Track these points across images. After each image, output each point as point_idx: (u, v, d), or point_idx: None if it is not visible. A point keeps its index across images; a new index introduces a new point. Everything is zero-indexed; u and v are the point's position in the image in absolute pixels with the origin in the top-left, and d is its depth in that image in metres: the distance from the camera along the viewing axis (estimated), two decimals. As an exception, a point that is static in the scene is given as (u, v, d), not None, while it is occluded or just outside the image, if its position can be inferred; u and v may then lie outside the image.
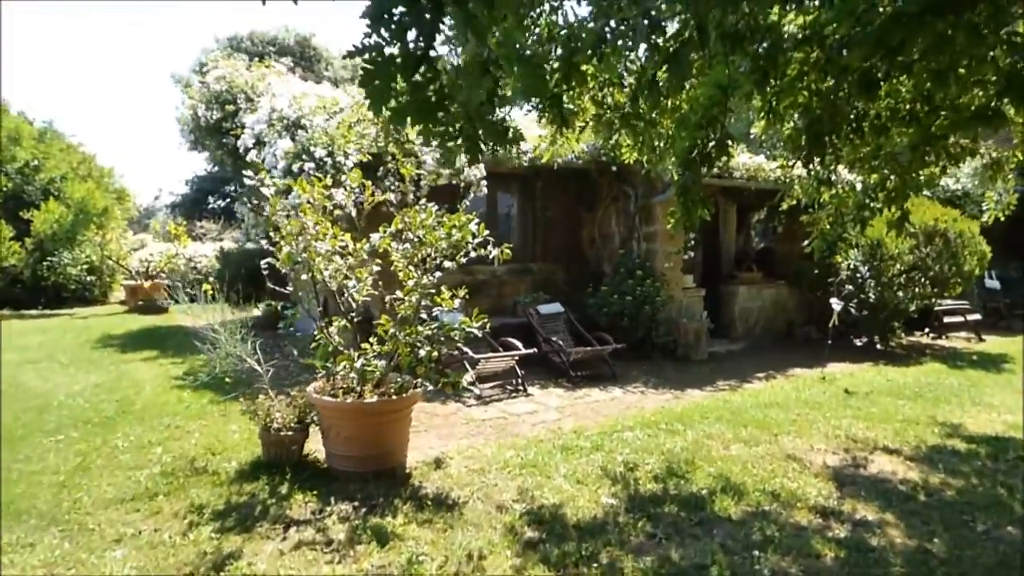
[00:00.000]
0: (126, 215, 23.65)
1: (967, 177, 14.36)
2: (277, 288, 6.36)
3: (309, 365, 5.78)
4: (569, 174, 10.84)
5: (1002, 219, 7.48)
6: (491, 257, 5.72)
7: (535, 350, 8.54)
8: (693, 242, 13.90)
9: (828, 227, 7.46)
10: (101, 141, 74.95)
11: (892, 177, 6.24)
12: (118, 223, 21.27)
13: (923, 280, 10.84)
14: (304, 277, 5.79)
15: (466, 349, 8.05)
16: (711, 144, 4.20)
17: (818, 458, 5.87)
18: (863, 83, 3.88)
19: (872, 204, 6.11)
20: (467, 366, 7.96)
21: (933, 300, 11.61)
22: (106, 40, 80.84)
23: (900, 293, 10.70)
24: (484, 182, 9.11)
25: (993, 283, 14.76)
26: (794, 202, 6.86)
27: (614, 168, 10.44)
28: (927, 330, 13.11)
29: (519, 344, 8.53)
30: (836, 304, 8.96)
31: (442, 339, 5.44)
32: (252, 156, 8.85)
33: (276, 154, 8.37)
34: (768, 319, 12.28)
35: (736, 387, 8.73)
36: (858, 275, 11.08)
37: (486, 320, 5.42)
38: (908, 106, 4.88)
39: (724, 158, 4.33)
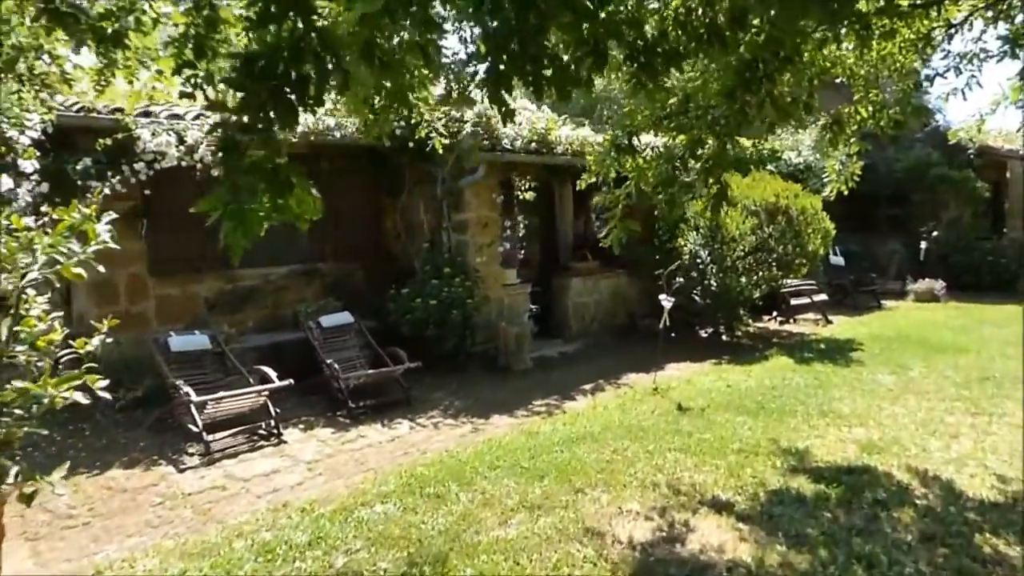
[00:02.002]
0: None
1: (809, 150, 13.43)
2: None
3: None
4: (361, 153, 8.72)
5: (845, 192, 6.08)
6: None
7: (290, 381, 6.36)
8: (524, 231, 12.19)
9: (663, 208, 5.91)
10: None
11: (710, 141, 4.58)
12: None
13: (767, 262, 9.57)
14: None
15: (186, 389, 5.80)
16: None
17: (625, 529, 4.14)
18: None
19: (682, 176, 4.42)
20: (193, 411, 5.74)
21: (779, 283, 10.41)
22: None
23: (743, 278, 9.36)
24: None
25: (838, 259, 13.99)
26: (592, 179, 5.07)
27: (411, 144, 8.42)
28: (775, 314, 12.03)
29: (272, 373, 6.36)
30: (666, 301, 7.40)
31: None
32: None
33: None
34: (607, 313, 10.71)
35: (554, 408, 6.99)
36: (698, 260, 9.68)
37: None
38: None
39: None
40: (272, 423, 6.15)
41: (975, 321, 11.56)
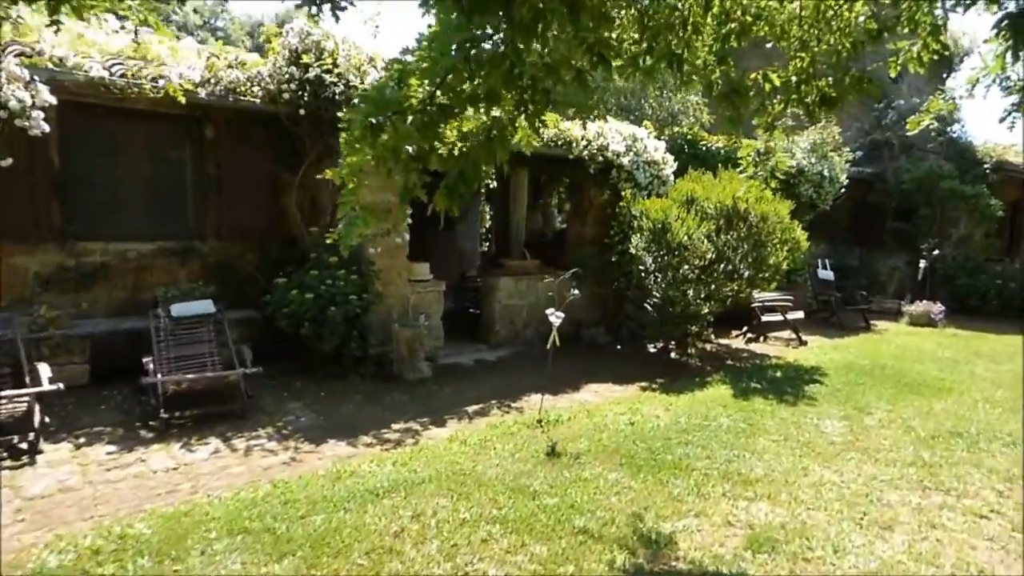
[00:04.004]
0: None
1: (803, 152, 11.55)
2: None
3: None
4: (252, 118, 7.24)
5: (767, 190, 4.41)
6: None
7: (60, 386, 4.92)
8: (452, 222, 10.63)
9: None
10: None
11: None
12: None
13: (721, 275, 7.86)
14: None
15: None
16: None
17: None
18: None
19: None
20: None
21: (738, 298, 8.65)
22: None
23: (690, 291, 7.67)
24: (39, 112, 5.40)
25: (827, 273, 12.11)
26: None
27: (302, 111, 6.95)
28: (745, 330, 10.29)
29: (45, 372, 4.96)
30: (554, 317, 5.78)
31: None
32: None
33: None
34: (545, 319, 9.06)
35: (409, 436, 5.48)
36: (641, 268, 8.02)
37: None
38: None
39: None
40: (33, 436, 4.75)
41: (969, 353, 9.66)
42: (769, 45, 4.01)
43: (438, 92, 2.51)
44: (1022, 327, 11.98)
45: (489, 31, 2.43)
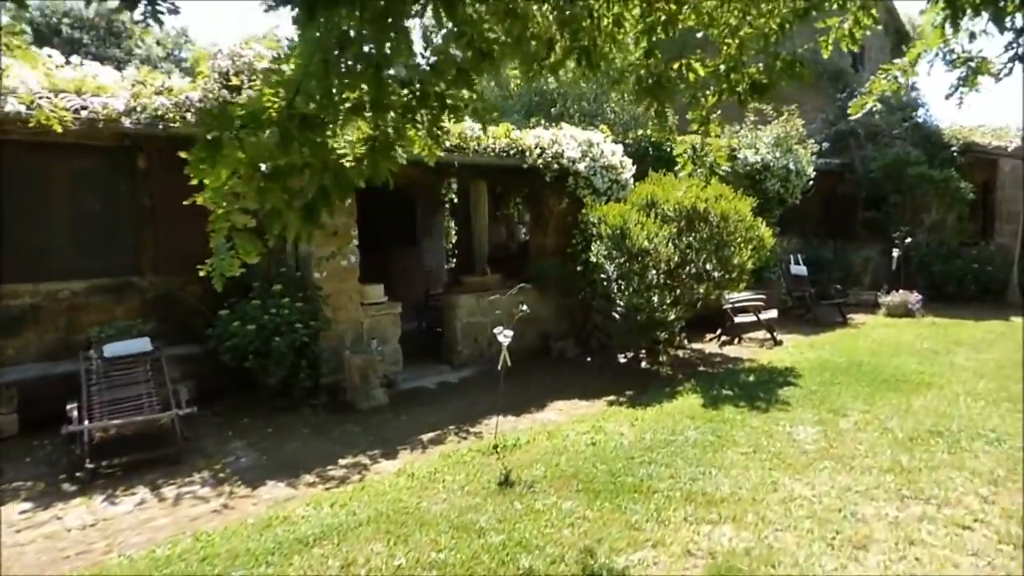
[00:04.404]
0: None
1: (767, 147, 11.32)
2: None
3: None
4: (187, 145, 6.86)
5: (704, 186, 4.10)
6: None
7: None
8: (416, 239, 10.31)
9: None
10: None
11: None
12: None
13: (685, 278, 7.55)
14: None
15: None
16: None
17: None
18: None
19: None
20: None
21: (703, 302, 8.33)
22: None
23: (655, 297, 7.35)
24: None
25: (799, 268, 11.84)
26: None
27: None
28: (719, 332, 9.98)
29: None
30: (502, 336, 5.41)
31: None
32: None
33: None
34: (513, 335, 8.70)
35: (356, 472, 5.11)
36: (603, 276, 7.71)
37: None
38: None
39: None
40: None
41: (949, 342, 9.39)
42: (700, 34, 3.72)
43: (297, 101, 2.17)
44: (1001, 311, 11.77)
45: (346, 28, 2.09)
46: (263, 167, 2.10)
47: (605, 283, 7.60)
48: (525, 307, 5.47)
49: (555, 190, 8.67)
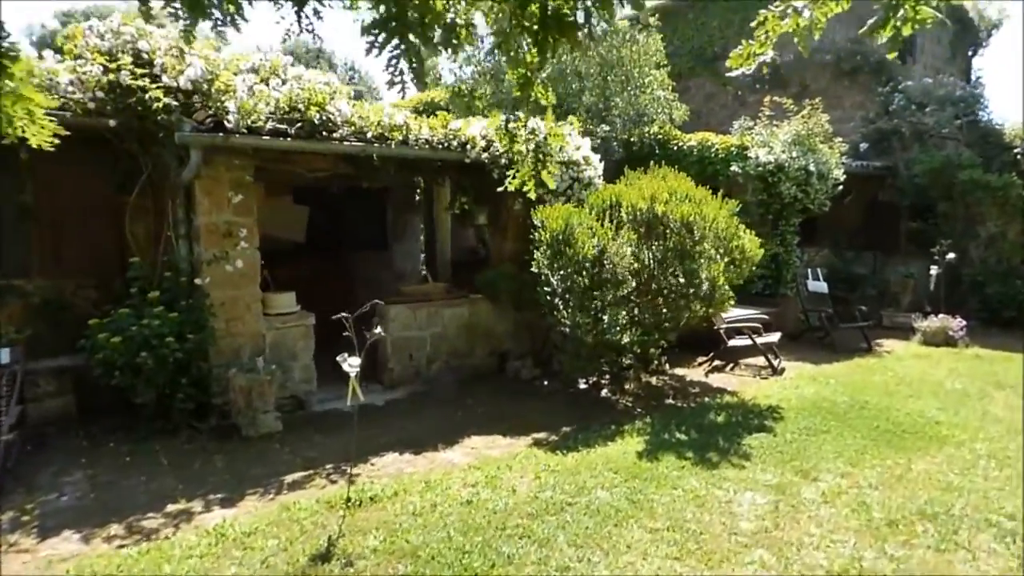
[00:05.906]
0: None
1: (783, 145, 9.80)
2: None
3: None
4: (87, 137, 6.05)
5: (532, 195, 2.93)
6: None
7: None
8: (388, 241, 9.31)
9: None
10: None
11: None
12: None
13: (648, 296, 6.27)
14: None
15: None
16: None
17: None
18: None
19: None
20: None
21: (695, 319, 7.00)
22: None
23: (605, 317, 6.11)
24: None
25: (819, 285, 10.22)
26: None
27: (113, 123, 5.77)
28: (711, 356, 8.58)
29: None
30: (347, 366, 4.25)
31: None
32: None
33: None
34: (456, 352, 7.59)
35: (184, 520, 4.15)
36: (548, 288, 6.51)
37: None
38: None
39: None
40: None
41: (989, 383, 7.67)
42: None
43: None
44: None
45: None
46: None
47: (549, 296, 6.40)
48: (380, 330, 4.33)
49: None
